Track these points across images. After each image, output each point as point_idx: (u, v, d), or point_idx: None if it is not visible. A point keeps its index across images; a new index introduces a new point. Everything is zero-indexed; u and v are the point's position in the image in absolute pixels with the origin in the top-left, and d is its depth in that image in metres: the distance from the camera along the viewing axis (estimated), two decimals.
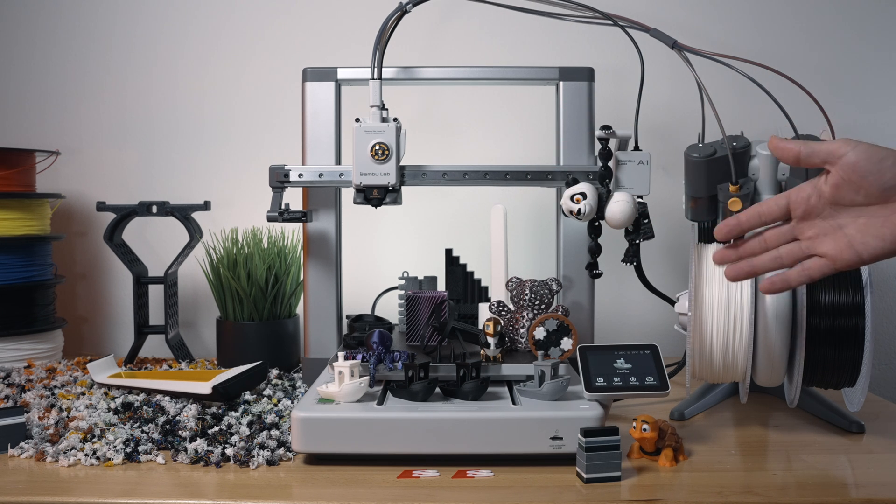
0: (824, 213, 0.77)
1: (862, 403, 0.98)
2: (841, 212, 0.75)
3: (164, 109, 1.59)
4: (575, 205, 1.06)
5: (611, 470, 0.85)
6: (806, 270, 0.79)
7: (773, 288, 0.81)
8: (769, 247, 0.81)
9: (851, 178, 0.73)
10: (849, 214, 0.75)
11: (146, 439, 0.97)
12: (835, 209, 0.76)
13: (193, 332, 1.60)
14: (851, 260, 0.75)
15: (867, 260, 0.75)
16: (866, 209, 0.74)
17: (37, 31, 1.59)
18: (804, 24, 1.55)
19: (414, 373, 0.95)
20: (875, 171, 0.72)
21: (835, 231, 0.76)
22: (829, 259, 0.77)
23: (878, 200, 0.73)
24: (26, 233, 1.39)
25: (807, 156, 0.76)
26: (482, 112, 1.56)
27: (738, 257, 0.83)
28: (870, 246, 0.74)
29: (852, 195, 0.74)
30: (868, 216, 0.74)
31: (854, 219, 0.75)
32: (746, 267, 0.82)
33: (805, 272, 0.79)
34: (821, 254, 0.78)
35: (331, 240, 1.20)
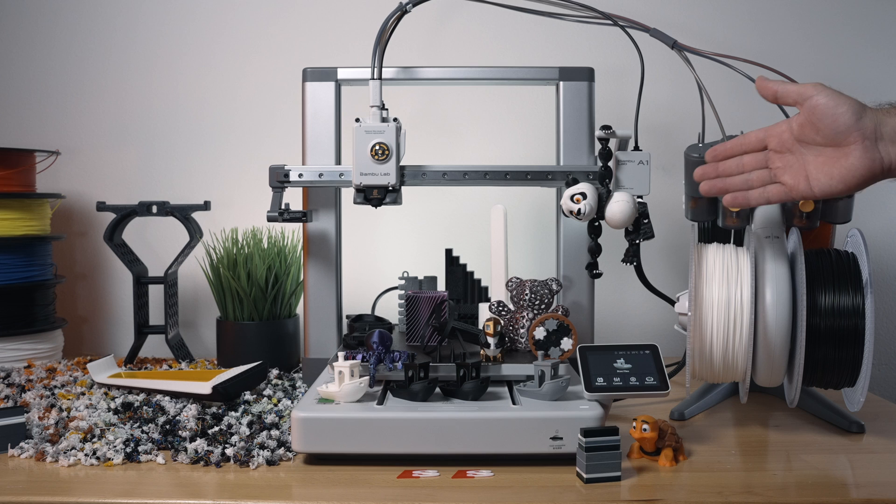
0: (793, 148, 0.83)
1: (862, 403, 0.98)
2: (806, 149, 0.82)
3: (164, 109, 1.59)
4: (575, 205, 1.06)
5: (611, 470, 0.85)
6: (765, 193, 0.86)
7: (734, 202, 0.88)
8: (745, 170, 0.88)
9: (812, 120, 0.80)
10: (811, 152, 0.82)
11: (146, 439, 0.97)
12: (802, 146, 0.82)
13: (193, 332, 1.60)
14: (805, 192, 0.82)
15: (818, 195, 0.82)
16: (825, 149, 0.80)
17: (37, 31, 1.59)
18: (804, 24, 1.55)
19: (414, 373, 0.95)
20: (830, 115, 0.78)
21: (798, 165, 0.83)
22: (787, 188, 0.84)
23: (833, 143, 0.79)
24: (26, 233, 1.39)
25: (783, 94, 0.84)
26: (482, 112, 1.56)
27: (716, 175, 0.90)
28: (821, 182, 0.81)
29: (812, 135, 0.81)
30: (825, 156, 0.80)
31: (815, 157, 0.81)
32: (720, 183, 0.89)
33: (764, 194, 0.86)
34: (782, 182, 0.85)
35: (331, 240, 1.20)
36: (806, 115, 0.81)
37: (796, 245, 0.98)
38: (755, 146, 0.87)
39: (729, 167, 0.89)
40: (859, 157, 0.78)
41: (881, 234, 1.57)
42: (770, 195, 0.85)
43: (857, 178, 0.79)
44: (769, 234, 1.00)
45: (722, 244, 1.02)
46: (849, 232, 1.03)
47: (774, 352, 0.95)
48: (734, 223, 1.02)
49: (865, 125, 0.78)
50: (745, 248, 1.00)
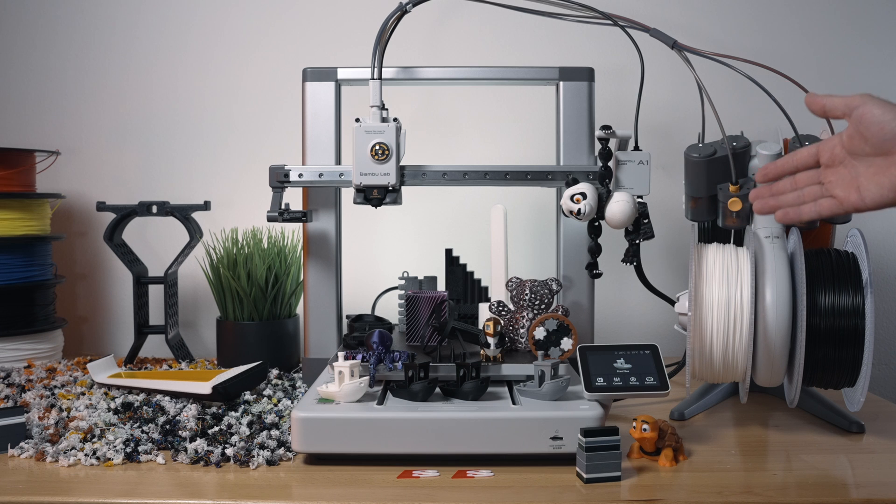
0: (845, 161, 0.83)
1: (862, 403, 0.98)
2: (857, 161, 0.82)
3: (164, 109, 1.59)
4: (575, 205, 1.06)
5: (611, 470, 0.85)
6: (817, 207, 0.86)
7: (786, 218, 0.88)
8: (798, 187, 0.88)
9: (860, 129, 0.80)
10: (862, 164, 0.81)
11: (146, 439, 0.97)
12: (853, 159, 0.82)
13: (193, 332, 1.60)
14: (856, 203, 0.82)
15: (870, 205, 0.81)
16: (875, 160, 0.80)
17: (37, 32, 1.59)
18: (804, 23, 1.55)
19: (414, 373, 0.95)
20: (877, 124, 0.78)
21: (850, 178, 0.82)
22: (838, 200, 0.83)
23: (882, 152, 0.79)
24: (26, 233, 1.39)
25: (830, 107, 0.83)
26: (482, 112, 1.56)
27: (770, 195, 0.90)
28: (871, 192, 0.80)
29: (861, 145, 0.80)
30: (875, 166, 0.80)
31: (866, 168, 0.81)
32: (773, 201, 0.89)
33: (816, 208, 0.86)
34: (834, 195, 0.84)
35: (331, 240, 1.20)
36: (854, 126, 0.80)
37: (796, 245, 0.98)
38: (807, 161, 0.87)
39: (782, 186, 0.89)
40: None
41: (881, 234, 1.57)
42: (822, 209, 0.85)
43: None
44: (769, 234, 1.00)
45: (722, 244, 1.02)
46: (849, 232, 1.03)
47: (774, 352, 0.95)
48: (734, 223, 1.02)
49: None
50: (745, 248, 1.00)
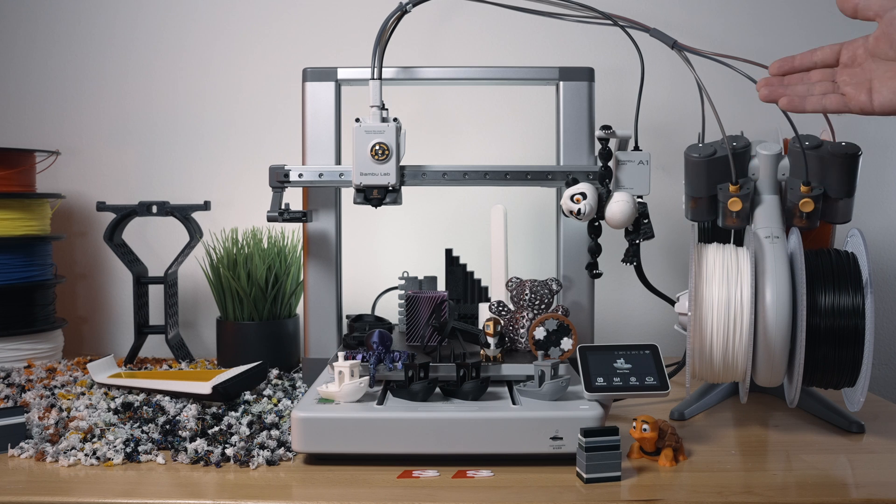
0: (865, 63, 0.81)
1: (862, 403, 0.98)
2: (877, 64, 0.80)
3: (164, 109, 1.59)
4: (575, 205, 1.06)
5: (611, 470, 0.85)
6: (822, 100, 0.83)
7: (790, 105, 0.85)
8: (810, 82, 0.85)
9: (889, 31, 0.78)
10: (882, 67, 0.79)
11: (146, 439, 0.97)
12: (874, 62, 0.80)
13: (193, 332, 1.60)
14: (864, 104, 0.79)
15: (877, 108, 0.79)
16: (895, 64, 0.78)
17: (37, 31, 1.59)
18: (804, 24, 1.55)
19: (414, 373, 0.95)
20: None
21: (864, 78, 0.80)
22: (847, 97, 0.81)
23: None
24: (26, 233, 1.39)
25: (864, 7, 0.81)
26: (482, 112, 1.56)
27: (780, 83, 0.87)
28: (883, 95, 0.78)
29: (887, 49, 0.78)
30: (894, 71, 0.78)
31: (884, 72, 0.79)
32: (781, 89, 0.86)
33: (822, 102, 0.83)
34: (844, 92, 0.82)
35: (331, 240, 1.20)
36: (884, 28, 0.78)
37: (796, 245, 0.98)
38: (827, 59, 0.84)
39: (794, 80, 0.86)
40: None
41: (881, 234, 1.57)
42: (827, 103, 0.82)
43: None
44: (769, 234, 1.00)
45: (722, 244, 1.02)
46: (849, 232, 1.03)
47: (774, 352, 0.95)
48: (734, 223, 1.02)
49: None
50: (745, 248, 1.00)
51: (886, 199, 1.57)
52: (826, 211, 1.04)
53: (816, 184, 1.01)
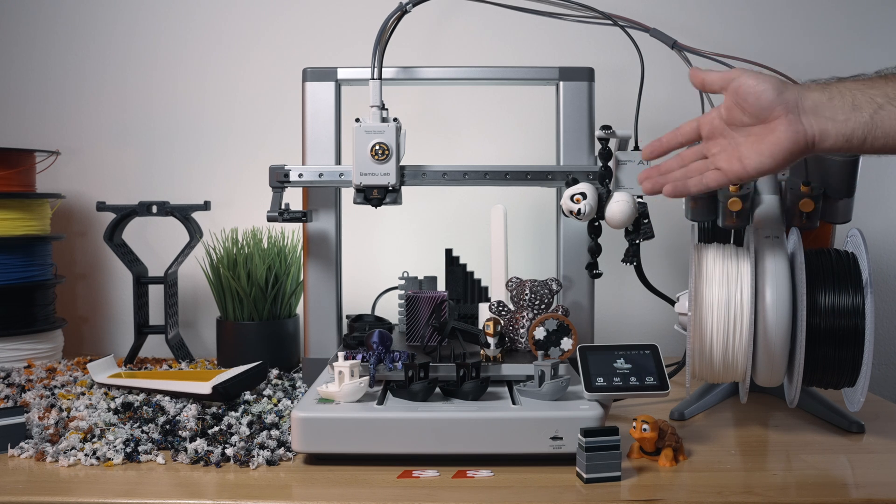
0: (725, 133, 0.85)
1: (862, 403, 0.98)
2: (737, 132, 0.83)
3: (164, 109, 1.59)
4: (575, 205, 1.06)
5: (611, 470, 0.85)
6: (703, 179, 0.86)
7: (675, 191, 0.88)
8: (684, 163, 0.89)
9: (737, 101, 0.82)
10: (741, 134, 0.83)
11: (146, 439, 0.97)
12: (733, 129, 0.84)
13: (193, 332, 1.60)
14: (739, 172, 0.83)
15: (752, 173, 0.82)
16: (753, 129, 0.82)
17: (37, 31, 1.59)
18: (804, 23, 1.55)
19: (414, 373, 0.95)
20: (753, 94, 0.80)
21: (731, 149, 0.84)
22: (723, 171, 0.84)
23: (759, 120, 0.81)
24: (26, 233, 1.39)
25: (709, 81, 0.85)
26: (482, 112, 1.56)
27: (659, 174, 0.91)
28: (752, 160, 0.81)
29: (740, 116, 0.82)
30: (754, 135, 0.82)
31: (745, 137, 0.83)
32: (661, 179, 0.90)
33: (702, 181, 0.86)
34: (718, 167, 0.85)
35: (331, 240, 1.20)
36: (731, 97, 0.82)
37: (796, 245, 0.98)
38: (689, 136, 0.89)
39: (670, 165, 0.90)
40: (784, 131, 0.79)
41: (881, 234, 1.57)
42: (708, 181, 0.85)
43: (784, 152, 0.79)
44: (769, 234, 1.00)
45: (722, 244, 1.02)
46: (849, 232, 1.03)
47: (774, 352, 0.95)
48: (734, 223, 1.02)
49: (788, 98, 0.79)
50: (745, 248, 1.00)
51: (886, 199, 1.57)
52: (826, 211, 1.04)
53: (816, 184, 1.01)
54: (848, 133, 0.77)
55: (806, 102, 0.79)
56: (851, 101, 0.78)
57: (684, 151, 0.89)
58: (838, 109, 0.77)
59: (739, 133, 0.83)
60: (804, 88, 0.80)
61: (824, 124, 0.78)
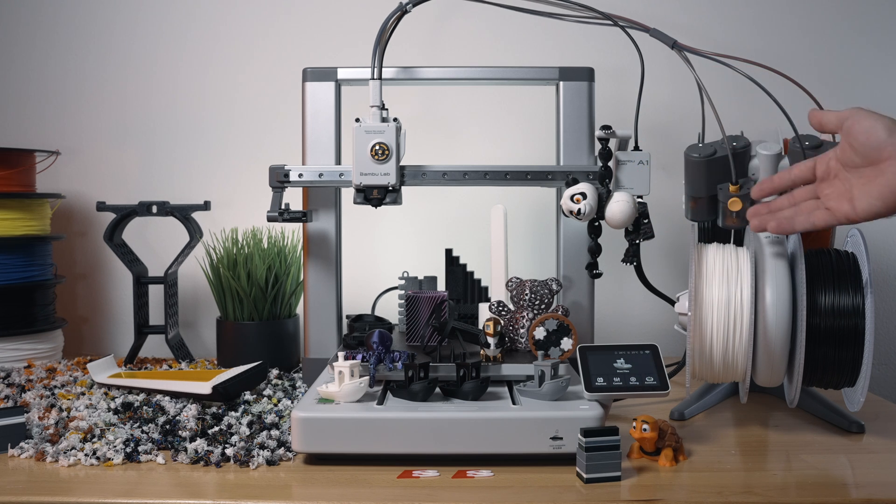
0: (839, 174, 0.85)
1: (862, 403, 0.98)
2: (850, 173, 0.83)
3: (164, 109, 1.59)
4: (575, 205, 1.06)
5: (611, 470, 0.85)
6: (811, 218, 0.87)
7: (779, 228, 0.88)
8: (795, 202, 0.89)
9: (850, 141, 0.82)
10: (854, 175, 0.83)
11: (146, 439, 0.97)
12: (847, 171, 0.84)
13: (193, 332, 1.60)
14: (848, 213, 0.83)
15: (861, 215, 0.82)
16: (865, 170, 0.81)
17: (37, 31, 1.59)
18: (804, 24, 1.55)
19: (414, 373, 0.95)
20: (864, 133, 0.80)
21: (844, 190, 0.84)
22: (832, 211, 0.85)
23: (870, 162, 0.80)
24: (26, 233, 1.39)
25: (826, 122, 0.86)
26: (482, 112, 1.56)
27: (768, 212, 0.91)
28: (863, 202, 0.81)
29: (852, 156, 0.82)
30: (866, 177, 0.81)
31: (857, 179, 0.82)
32: (770, 218, 0.89)
33: (810, 219, 0.87)
34: (828, 207, 0.85)
35: (331, 240, 1.20)
36: (845, 137, 0.82)
37: (796, 245, 0.98)
38: (804, 176, 0.88)
39: (780, 204, 0.90)
40: (894, 174, 0.79)
41: (881, 234, 1.57)
42: (816, 220, 0.86)
43: (894, 195, 0.79)
44: (769, 234, 1.00)
45: (722, 244, 1.02)
46: (849, 232, 1.03)
47: (774, 352, 0.95)
48: (734, 223, 1.02)
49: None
50: (745, 248, 1.00)
51: None
52: None
53: None
54: None
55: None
56: None
57: (797, 191, 0.89)
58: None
59: (853, 174, 0.82)
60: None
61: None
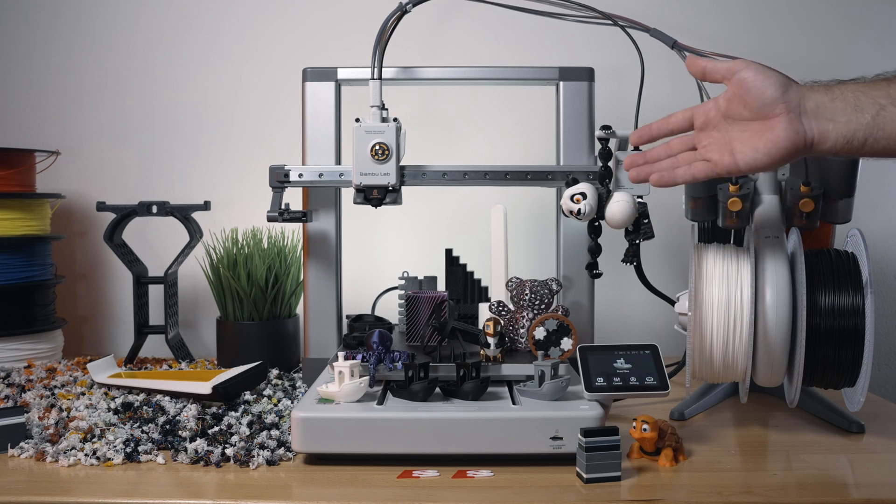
0: (720, 125, 0.84)
1: (862, 403, 0.98)
2: (732, 125, 0.82)
3: (164, 109, 1.59)
4: (575, 205, 1.06)
5: (611, 470, 0.85)
6: (691, 170, 0.86)
7: (661, 181, 0.88)
8: (672, 153, 0.89)
9: (739, 93, 0.81)
10: (737, 128, 0.82)
11: (146, 439, 0.97)
12: (728, 122, 0.83)
13: (193, 332, 1.60)
14: (730, 165, 0.82)
15: (742, 168, 0.81)
16: (751, 124, 0.81)
17: (37, 32, 1.59)
18: (804, 23, 1.55)
19: (414, 373, 0.95)
20: (758, 88, 0.79)
21: (724, 141, 0.83)
22: (713, 163, 0.84)
23: (759, 116, 0.80)
24: (26, 233, 1.39)
25: (711, 70, 0.84)
26: (482, 112, 1.56)
27: (645, 161, 0.90)
28: (746, 155, 0.81)
29: (740, 109, 0.81)
30: (751, 130, 0.81)
31: (741, 132, 0.82)
32: (647, 168, 0.89)
33: (690, 171, 0.86)
34: (707, 158, 0.84)
35: (331, 240, 1.20)
36: (734, 89, 0.81)
37: (796, 245, 0.98)
38: (681, 125, 0.88)
39: (657, 154, 0.89)
40: (784, 129, 0.78)
41: (881, 234, 1.57)
42: (696, 171, 0.85)
43: (780, 151, 0.79)
44: (769, 234, 1.00)
45: (722, 244, 1.02)
46: (849, 232, 1.03)
47: (774, 352, 0.95)
48: (734, 223, 1.02)
49: (791, 98, 0.78)
50: (745, 248, 1.00)
51: (886, 199, 1.57)
52: (826, 211, 1.04)
53: (816, 184, 1.01)
54: (849, 135, 0.77)
55: (808, 103, 0.78)
56: (854, 103, 0.77)
57: (673, 140, 0.88)
58: (840, 111, 0.77)
59: (735, 127, 0.82)
60: (807, 89, 0.80)
61: (825, 126, 0.77)
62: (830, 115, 0.77)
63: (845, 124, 0.77)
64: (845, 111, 0.77)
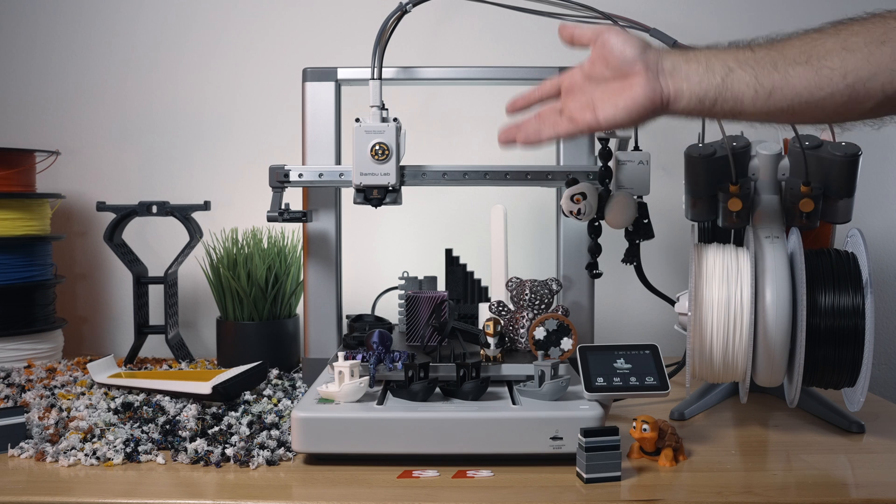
0: (584, 88, 0.87)
1: (862, 403, 0.98)
2: (595, 86, 0.86)
3: (164, 109, 1.59)
4: (575, 205, 1.06)
5: (611, 470, 0.85)
6: (555, 128, 0.88)
7: (526, 139, 0.90)
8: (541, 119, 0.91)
9: (603, 54, 0.84)
10: (600, 88, 0.85)
11: (146, 439, 0.97)
12: (591, 84, 0.86)
13: (193, 332, 1.60)
14: (590, 122, 0.85)
15: (603, 124, 0.84)
16: (612, 83, 0.84)
17: (37, 32, 1.59)
18: (804, 24, 1.55)
19: (414, 373, 0.95)
20: (619, 48, 0.83)
21: (587, 101, 0.86)
22: (575, 121, 0.87)
23: (620, 75, 0.83)
24: (26, 233, 1.39)
25: (578, 35, 0.88)
26: (482, 112, 1.56)
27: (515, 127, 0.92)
28: (606, 112, 0.84)
29: (602, 69, 0.85)
30: (612, 89, 0.84)
31: (602, 92, 0.85)
32: (515, 130, 0.91)
33: (555, 129, 0.88)
34: (571, 117, 0.87)
35: (331, 240, 1.20)
36: (598, 51, 0.85)
37: (796, 245, 0.98)
38: (550, 91, 0.91)
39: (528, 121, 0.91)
40: (642, 87, 0.81)
41: (881, 234, 1.57)
42: (559, 129, 0.88)
43: (639, 108, 0.82)
44: (769, 234, 1.00)
45: (722, 244, 1.02)
46: (849, 232, 1.03)
47: (774, 352, 0.95)
48: (734, 223, 1.02)
49: (649, 58, 0.82)
50: (745, 248, 1.00)
51: (886, 199, 1.57)
52: (826, 211, 1.04)
53: (816, 184, 1.01)
54: (701, 94, 0.80)
55: (665, 63, 0.81)
56: (706, 65, 0.80)
57: (542, 110, 0.91)
58: (693, 72, 0.80)
59: (598, 87, 0.85)
60: (665, 52, 0.83)
61: (679, 84, 0.80)
62: (685, 75, 0.80)
63: (698, 84, 0.80)
64: (698, 72, 0.80)
